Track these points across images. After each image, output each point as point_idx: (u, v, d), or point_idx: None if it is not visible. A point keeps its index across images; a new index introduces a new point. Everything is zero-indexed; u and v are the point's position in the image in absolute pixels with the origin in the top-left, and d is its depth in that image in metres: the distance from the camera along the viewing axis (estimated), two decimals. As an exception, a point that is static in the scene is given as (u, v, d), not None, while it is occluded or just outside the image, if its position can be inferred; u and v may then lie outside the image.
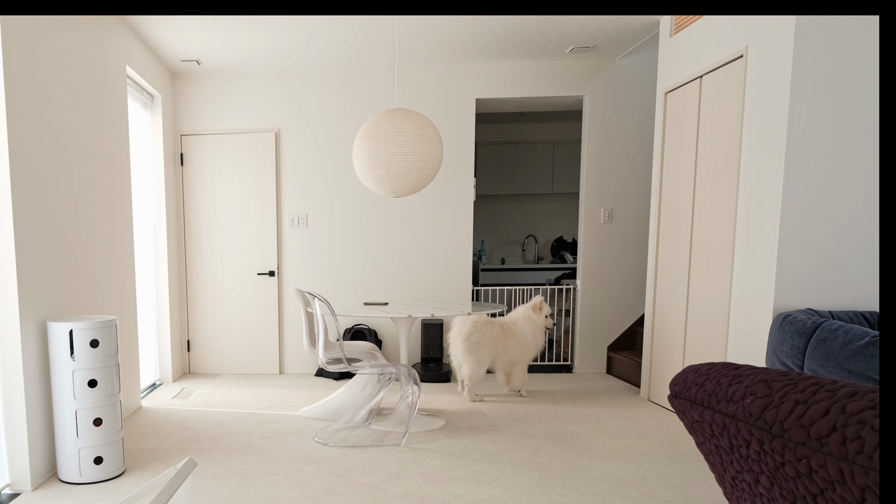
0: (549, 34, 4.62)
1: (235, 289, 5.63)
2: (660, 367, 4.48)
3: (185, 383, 5.32)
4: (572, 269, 7.18)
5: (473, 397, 4.68)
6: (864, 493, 0.71)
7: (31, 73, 3.01)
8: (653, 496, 2.89)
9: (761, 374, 0.95)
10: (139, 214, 4.85)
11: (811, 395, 0.82)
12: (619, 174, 5.48)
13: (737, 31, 3.56)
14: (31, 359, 3.00)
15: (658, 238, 4.50)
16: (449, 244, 5.56)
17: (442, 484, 3.04)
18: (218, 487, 3.02)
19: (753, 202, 3.44)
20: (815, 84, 3.13)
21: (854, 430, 0.73)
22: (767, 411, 0.87)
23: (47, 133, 3.17)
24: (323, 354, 3.85)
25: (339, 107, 5.46)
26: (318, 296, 3.66)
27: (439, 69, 5.39)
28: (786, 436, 0.83)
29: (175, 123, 5.47)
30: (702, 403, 1.02)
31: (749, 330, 3.51)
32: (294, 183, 5.53)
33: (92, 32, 3.74)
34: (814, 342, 2.81)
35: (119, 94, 4.16)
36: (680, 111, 4.18)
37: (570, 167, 7.55)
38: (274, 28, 4.41)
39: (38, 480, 3.08)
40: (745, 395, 0.93)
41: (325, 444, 3.65)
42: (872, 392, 0.77)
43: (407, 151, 3.60)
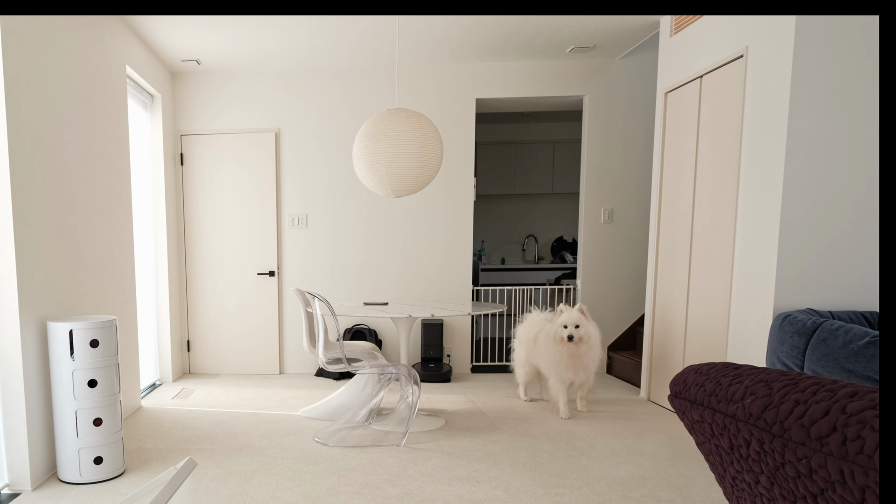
0: (549, 34, 4.62)
1: (235, 289, 5.63)
2: (660, 367, 4.48)
3: (185, 383, 5.31)
4: (572, 269, 7.18)
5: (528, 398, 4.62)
6: (864, 493, 0.71)
7: (31, 73, 3.01)
8: (653, 496, 2.89)
9: (761, 374, 0.95)
10: (139, 214, 4.85)
11: (811, 395, 0.82)
12: (619, 174, 5.48)
13: (737, 31, 3.56)
14: (31, 359, 3.00)
15: (658, 238, 4.50)
16: (449, 244, 5.56)
17: (442, 484, 3.04)
18: (218, 487, 3.02)
19: (753, 202, 3.44)
20: (815, 84, 3.13)
21: (854, 430, 0.73)
22: (767, 411, 0.87)
23: (47, 133, 3.17)
24: (323, 354, 3.85)
25: (340, 106, 5.46)
26: (318, 296, 3.66)
27: (439, 69, 5.39)
28: (786, 436, 0.83)
29: (175, 123, 5.47)
30: (702, 403, 1.02)
31: (749, 330, 3.51)
32: (294, 183, 5.53)
33: (92, 32, 3.74)
34: (814, 342, 2.81)
35: (119, 94, 4.16)
36: (680, 111, 4.18)
37: (570, 167, 7.55)
38: (274, 28, 4.41)
39: (37, 480, 3.08)
40: (745, 395, 0.93)
41: (325, 444, 3.65)
42: (872, 392, 0.77)
43: (407, 151, 3.60)
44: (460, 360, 5.70)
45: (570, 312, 4.00)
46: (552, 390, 4.24)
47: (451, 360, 5.69)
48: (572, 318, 3.98)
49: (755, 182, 3.42)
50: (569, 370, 4.05)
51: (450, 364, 5.65)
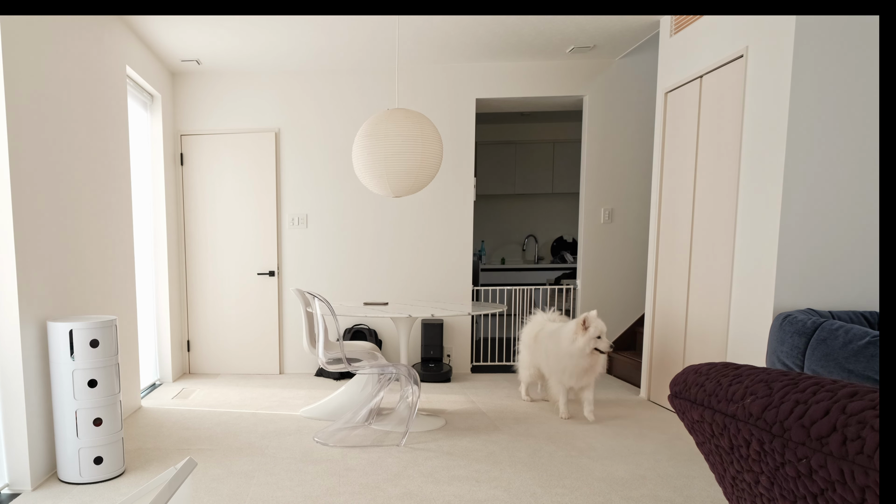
0: (549, 34, 4.62)
1: (235, 289, 5.63)
2: (660, 367, 4.48)
3: (185, 383, 5.31)
4: (572, 269, 7.18)
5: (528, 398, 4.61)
6: (864, 493, 0.71)
7: (31, 73, 3.01)
8: (653, 496, 2.89)
9: (761, 374, 0.95)
10: (139, 214, 4.85)
11: (811, 395, 0.82)
12: (619, 174, 5.48)
13: (737, 31, 3.56)
14: (31, 359, 3.00)
15: (658, 238, 4.50)
16: (449, 244, 5.56)
17: (442, 484, 3.04)
18: (218, 487, 3.02)
19: (753, 202, 3.44)
20: (815, 84, 3.13)
21: (854, 430, 0.73)
22: (767, 411, 0.87)
23: (47, 133, 3.17)
24: (323, 354, 3.85)
25: (340, 106, 5.46)
26: (318, 296, 3.66)
27: (439, 69, 5.39)
28: (786, 436, 0.83)
29: (175, 123, 5.47)
30: (702, 403, 1.02)
31: (749, 330, 3.51)
32: (294, 183, 5.53)
33: (92, 32, 3.74)
34: (814, 342, 2.81)
35: (119, 93, 4.16)
36: (680, 111, 4.18)
37: (570, 167, 7.55)
38: (274, 28, 4.41)
39: (37, 480, 3.08)
40: (745, 395, 0.93)
41: (325, 444, 3.65)
42: (872, 392, 0.77)
43: (407, 151, 3.60)
44: (460, 360, 5.70)
45: (598, 322, 3.82)
46: (552, 390, 4.22)
47: (451, 360, 5.69)
48: (603, 328, 3.83)
49: (755, 182, 3.42)
50: (573, 378, 3.94)
51: (450, 364, 5.64)
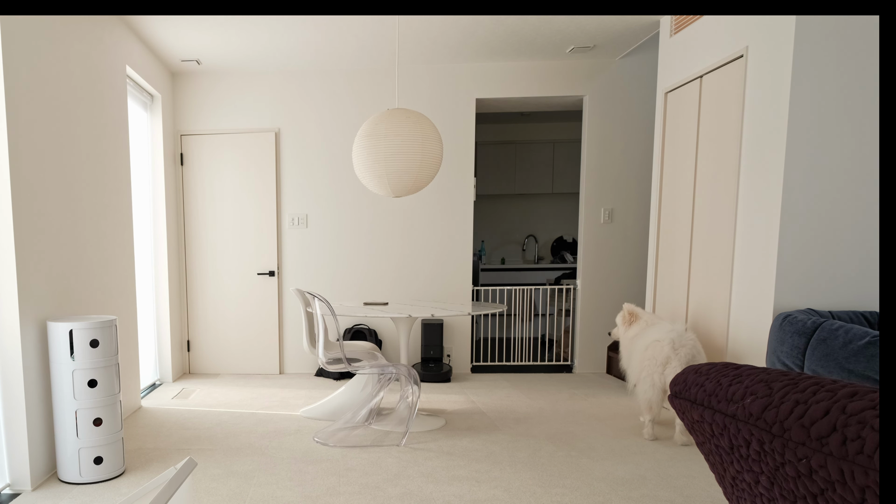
0: (549, 34, 4.62)
1: (235, 289, 5.63)
2: (660, 367, 4.48)
3: (185, 383, 5.31)
4: (572, 269, 7.18)
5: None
6: (864, 493, 0.71)
7: (30, 73, 3.00)
8: (653, 496, 2.89)
9: (761, 374, 0.95)
10: (139, 214, 4.85)
11: (811, 395, 0.82)
12: (619, 174, 5.48)
13: (737, 31, 3.56)
14: (31, 359, 3.00)
15: (658, 238, 4.49)
16: (449, 244, 5.56)
17: (442, 484, 3.04)
18: (218, 487, 3.02)
19: (753, 202, 3.44)
20: (815, 84, 3.13)
21: (854, 430, 0.73)
22: (768, 411, 0.87)
23: (47, 133, 3.17)
24: (323, 354, 3.85)
25: (340, 106, 5.46)
26: (318, 296, 3.66)
27: (439, 69, 5.39)
28: (786, 436, 0.83)
29: (175, 123, 5.47)
30: (702, 403, 1.02)
31: (749, 330, 3.51)
32: (294, 183, 5.53)
33: (92, 32, 3.74)
34: (814, 342, 2.81)
35: (119, 93, 4.16)
36: (680, 111, 4.18)
37: (570, 167, 7.55)
38: (274, 28, 4.41)
39: (37, 480, 3.08)
40: (745, 395, 0.93)
41: (325, 444, 3.65)
42: (872, 392, 0.77)
43: (407, 151, 3.60)
44: (460, 360, 5.70)
45: (636, 310, 3.81)
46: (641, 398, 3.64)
47: (451, 360, 5.69)
48: (636, 314, 3.82)
49: (755, 182, 3.42)
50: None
51: (450, 364, 5.64)
